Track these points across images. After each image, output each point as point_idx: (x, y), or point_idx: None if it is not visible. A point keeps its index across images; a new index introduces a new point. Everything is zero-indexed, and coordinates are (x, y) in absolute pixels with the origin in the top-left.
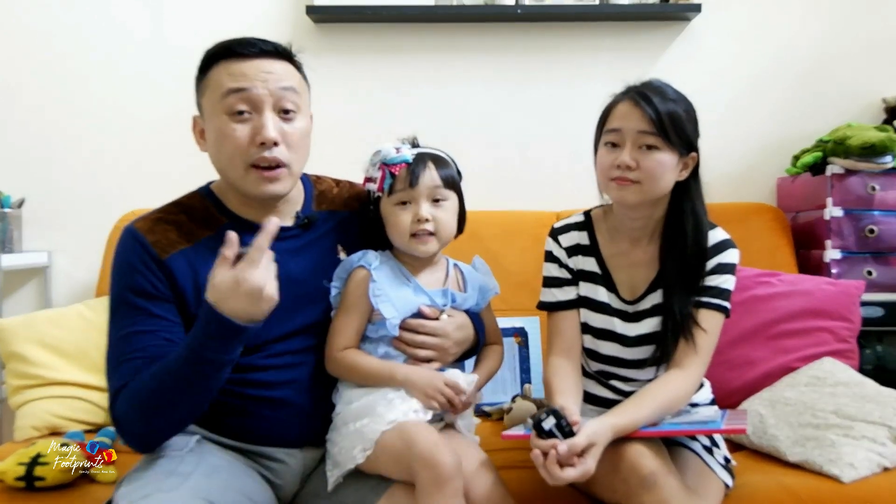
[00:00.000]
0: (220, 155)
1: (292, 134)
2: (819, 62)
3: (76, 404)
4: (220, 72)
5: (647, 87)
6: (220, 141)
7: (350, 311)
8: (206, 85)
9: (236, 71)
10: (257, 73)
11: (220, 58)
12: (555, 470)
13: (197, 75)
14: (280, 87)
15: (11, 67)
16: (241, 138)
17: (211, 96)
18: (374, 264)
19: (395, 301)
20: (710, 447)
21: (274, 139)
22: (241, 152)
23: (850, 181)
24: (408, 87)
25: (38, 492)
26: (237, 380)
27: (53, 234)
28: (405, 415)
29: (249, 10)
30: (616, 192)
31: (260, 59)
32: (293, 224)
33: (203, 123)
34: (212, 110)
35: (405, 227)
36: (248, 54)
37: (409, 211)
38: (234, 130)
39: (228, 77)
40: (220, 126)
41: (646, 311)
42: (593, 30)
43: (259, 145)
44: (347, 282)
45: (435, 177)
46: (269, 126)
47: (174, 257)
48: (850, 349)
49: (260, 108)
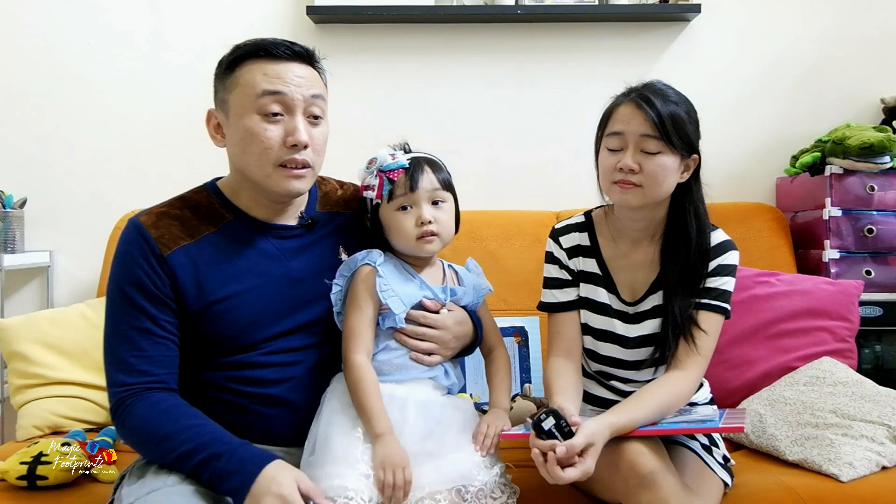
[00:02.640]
0: (246, 153)
1: (318, 138)
2: (818, 63)
3: (78, 404)
4: (253, 71)
5: (648, 90)
6: (249, 139)
7: (362, 309)
8: (236, 82)
9: (271, 73)
10: (292, 78)
11: (252, 56)
12: (555, 470)
13: (221, 70)
14: (311, 95)
15: (13, 68)
16: (273, 139)
17: (241, 94)
18: (379, 261)
19: (402, 296)
20: (709, 446)
21: (306, 142)
22: (273, 152)
23: (849, 181)
24: (408, 87)
25: (40, 491)
26: (234, 377)
27: (55, 234)
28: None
29: (250, 11)
30: (618, 196)
31: (292, 62)
32: (297, 224)
33: (222, 118)
34: (241, 108)
35: (410, 232)
36: (281, 56)
37: (411, 215)
38: (265, 130)
39: (263, 77)
40: (251, 125)
41: (646, 312)
42: (593, 30)
43: (290, 147)
44: (353, 280)
45: (433, 180)
46: (301, 129)
47: (176, 253)
48: (849, 349)
49: (293, 111)
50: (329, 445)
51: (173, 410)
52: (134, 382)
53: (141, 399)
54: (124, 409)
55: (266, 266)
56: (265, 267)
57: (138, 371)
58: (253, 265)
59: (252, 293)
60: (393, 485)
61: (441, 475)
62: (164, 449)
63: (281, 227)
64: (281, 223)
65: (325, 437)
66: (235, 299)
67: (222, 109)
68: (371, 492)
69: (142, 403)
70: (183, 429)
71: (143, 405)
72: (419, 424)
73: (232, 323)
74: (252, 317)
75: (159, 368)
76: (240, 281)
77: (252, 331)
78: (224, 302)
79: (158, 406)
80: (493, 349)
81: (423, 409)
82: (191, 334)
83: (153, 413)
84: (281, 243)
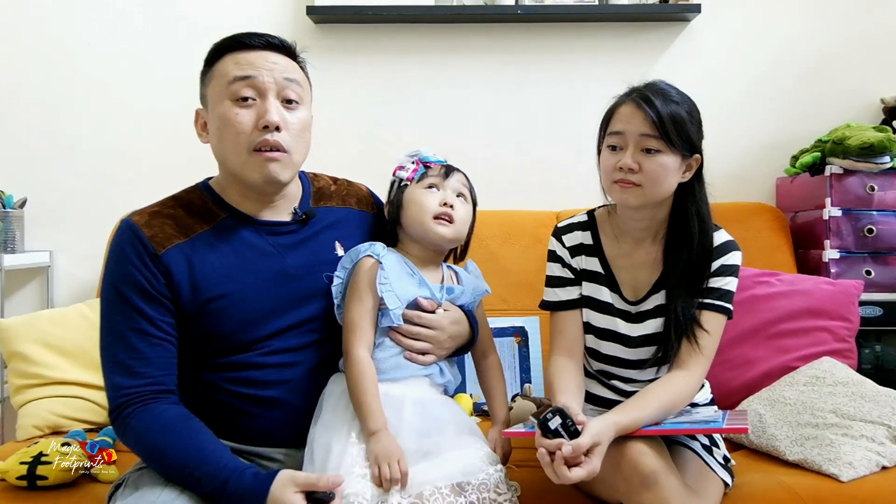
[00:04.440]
0: (223, 141)
1: (294, 123)
2: (818, 62)
3: (78, 403)
4: (226, 62)
5: (649, 89)
6: (224, 126)
7: (363, 300)
8: (212, 76)
9: (243, 60)
10: (263, 63)
11: (227, 49)
12: (562, 470)
13: (203, 69)
14: (284, 78)
15: (13, 68)
16: (244, 122)
17: (216, 85)
18: (381, 254)
19: (400, 293)
20: (709, 447)
21: (277, 123)
22: (245, 136)
23: (849, 181)
24: (408, 87)
25: (40, 491)
26: (232, 378)
27: (55, 234)
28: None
29: (250, 11)
30: (619, 195)
31: (266, 50)
32: (290, 220)
33: (206, 115)
34: (216, 98)
35: (430, 207)
36: (255, 45)
37: (437, 195)
38: (237, 115)
39: (235, 66)
40: (224, 112)
41: (648, 311)
42: (593, 30)
43: (262, 129)
44: (355, 271)
45: (464, 180)
46: (272, 110)
47: (170, 252)
48: (849, 349)
49: (264, 94)
50: (325, 453)
51: (173, 426)
52: (132, 385)
53: (140, 411)
54: (123, 418)
55: (261, 263)
56: (260, 264)
57: (136, 374)
58: (248, 262)
59: (247, 290)
60: (390, 477)
61: (442, 472)
62: (165, 468)
63: (275, 223)
64: (274, 219)
65: (322, 446)
66: (231, 297)
67: (204, 106)
68: (371, 490)
69: (141, 416)
70: (183, 450)
71: (143, 418)
72: (416, 423)
73: (228, 321)
74: (248, 314)
75: (157, 370)
76: (235, 278)
77: (248, 329)
78: (219, 300)
79: (159, 420)
80: (487, 355)
81: (419, 408)
82: (187, 334)
83: (154, 427)
84: (275, 240)
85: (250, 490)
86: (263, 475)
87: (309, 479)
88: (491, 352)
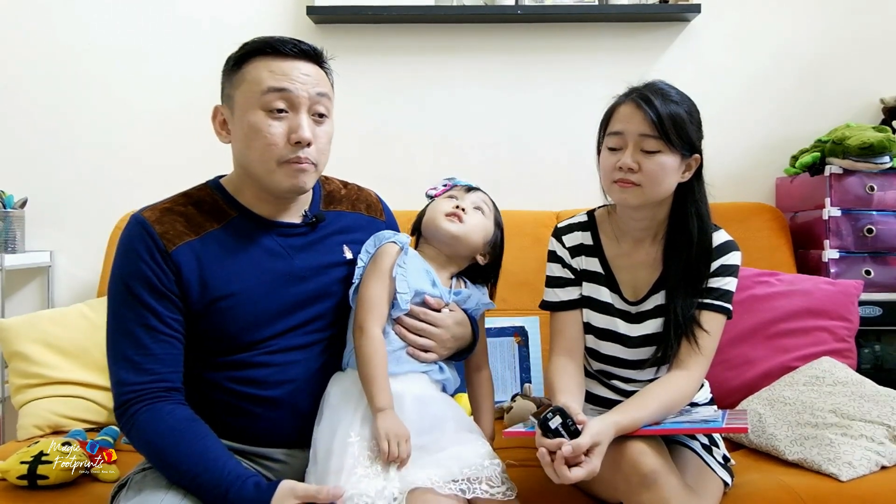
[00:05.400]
0: (251, 149)
1: (322, 137)
2: (817, 62)
3: (78, 403)
4: (259, 68)
5: (649, 89)
6: (253, 135)
7: (383, 280)
8: (242, 78)
9: (277, 70)
10: (298, 75)
11: (259, 53)
12: (562, 470)
13: (229, 67)
14: (317, 93)
15: (13, 68)
16: (276, 135)
17: (247, 91)
18: (405, 242)
19: (411, 281)
20: (709, 446)
21: (309, 139)
22: (276, 149)
23: (849, 181)
24: (408, 87)
25: (41, 490)
26: (236, 377)
27: (56, 234)
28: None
29: (250, 11)
30: (618, 195)
31: (299, 60)
32: (301, 222)
33: (228, 115)
34: (246, 104)
35: (444, 207)
36: (288, 53)
37: (453, 201)
38: (269, 126)
39: (269, 74)
40: (256, 121)
41: (648, 311)
42: (593, 30)
43: (294, 144)
44: (378, 254)
45: (486, 199)
46: (305, 126)
47: (181, 249)
48: (849, 348)
49: (297, 108)
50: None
51: (179, 429)
52: (138, 382)
53: (147, 410)
54: (129, 416)
55: (270, 263)
56: (269, 264)
57: (143, 370)
58: (257, 262)
59: (256, 290)
60: (398, 455)
61: (442, 468)
62: (168, 471)
63: (285, 224)
64: (285, 221)
65: (324, 446)
66: (239, 296)
67: (228, 106)
68: (372, 488)
69: (147, 415)
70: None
71: (149, 418)
72: (416, 420)
73: (235, 320)
74: (255, 314)
75: (164, 367)
76: (244, 278)
77: (254, 328)
78: (228, 299)
79: (165, 421)
80: (481, 369)
81: (419, 404)
82: (193, 332)
83: (160, 428)
84: (285, 241)
85: (251, 501)
86: (265, 486)
87: (309, 492)
88: (485, 366)
